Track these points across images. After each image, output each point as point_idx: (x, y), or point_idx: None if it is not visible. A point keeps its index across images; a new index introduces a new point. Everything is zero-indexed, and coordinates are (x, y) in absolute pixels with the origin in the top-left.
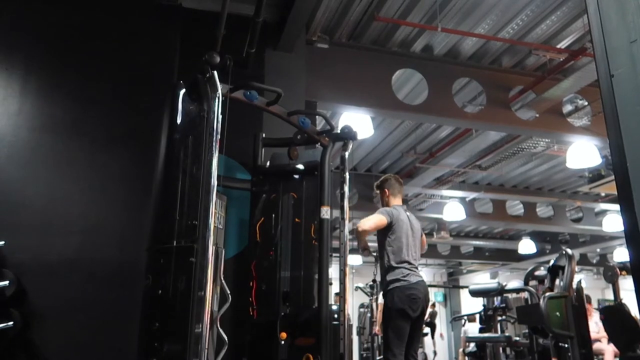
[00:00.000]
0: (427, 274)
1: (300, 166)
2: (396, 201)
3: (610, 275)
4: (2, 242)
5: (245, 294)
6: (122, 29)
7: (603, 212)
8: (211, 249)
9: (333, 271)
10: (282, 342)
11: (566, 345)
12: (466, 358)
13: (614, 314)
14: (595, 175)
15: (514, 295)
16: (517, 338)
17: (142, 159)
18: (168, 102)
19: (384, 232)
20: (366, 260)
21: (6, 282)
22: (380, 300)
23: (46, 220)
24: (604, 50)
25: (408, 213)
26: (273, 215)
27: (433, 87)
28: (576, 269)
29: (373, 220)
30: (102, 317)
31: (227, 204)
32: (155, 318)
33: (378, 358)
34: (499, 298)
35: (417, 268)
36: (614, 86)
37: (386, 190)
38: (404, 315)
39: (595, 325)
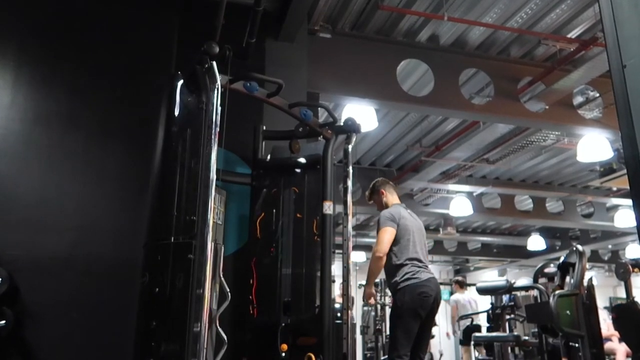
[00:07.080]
0: (433, 271)
1: (302, 160)
2: (394, 199)
3: (622, 273)
4: None
5: (245, 292)
6: (118, 18)
7: (615, 207)
8: (210, 246)
9: (336, 268)
10: (283, 355)
11: (577, 345)
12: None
13: (626, 313)
14: (606, 169)
15: (523, 293)
16: (526, 337)
17: (139, 152)
18: (166, 94)
19: None
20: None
21: None
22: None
23: (40, 216)
24: (616, 39)
25: (409, 210)
26: (274, 211)
27: (439, 78)
28: (587, 266)
29: (385, 239)
30: (98, 316)
31: (226, 199)
32: (152, 317)
33: (382, 358)
34: (508, 296)
35: (427, 265)
36: (626, 77)
37: (382, 191)
38: (414, 315)
39: (604, 323)
